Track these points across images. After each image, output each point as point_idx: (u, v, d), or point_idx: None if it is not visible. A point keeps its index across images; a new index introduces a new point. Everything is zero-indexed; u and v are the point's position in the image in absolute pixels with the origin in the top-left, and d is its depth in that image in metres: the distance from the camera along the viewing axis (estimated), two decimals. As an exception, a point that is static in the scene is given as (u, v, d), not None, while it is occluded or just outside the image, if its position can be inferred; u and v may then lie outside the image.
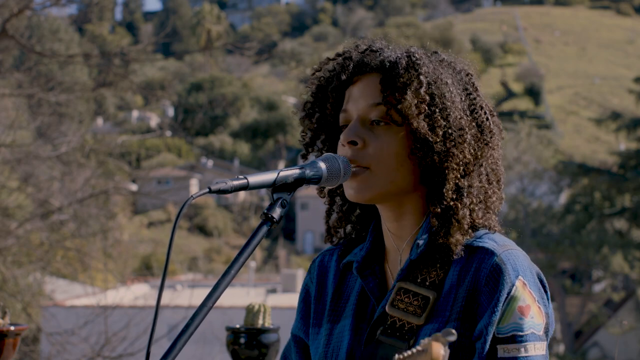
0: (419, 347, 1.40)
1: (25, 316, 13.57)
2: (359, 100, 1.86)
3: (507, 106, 64.75)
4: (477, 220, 1.84)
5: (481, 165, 1.86)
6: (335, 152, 1.92)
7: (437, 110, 1.82)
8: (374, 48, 1.91)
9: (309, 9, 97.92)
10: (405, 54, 1.87)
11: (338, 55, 1.95)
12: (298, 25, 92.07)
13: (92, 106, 34.43)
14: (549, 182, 38.93)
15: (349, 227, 2.00)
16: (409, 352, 1.41)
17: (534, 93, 66.29)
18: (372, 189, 1.83)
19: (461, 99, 1.86)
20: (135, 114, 60.88)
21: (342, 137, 1.85)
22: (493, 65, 72.71)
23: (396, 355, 1.44)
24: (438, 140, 1.81)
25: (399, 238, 1.89)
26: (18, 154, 13.11)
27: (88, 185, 14.68)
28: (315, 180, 1.79)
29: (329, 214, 2.00)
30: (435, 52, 1.93)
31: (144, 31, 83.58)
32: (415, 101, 1.81)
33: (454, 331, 1.41)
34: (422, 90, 1.82)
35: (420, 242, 1.83)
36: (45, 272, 16.84)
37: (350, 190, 1.86)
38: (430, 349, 1.38)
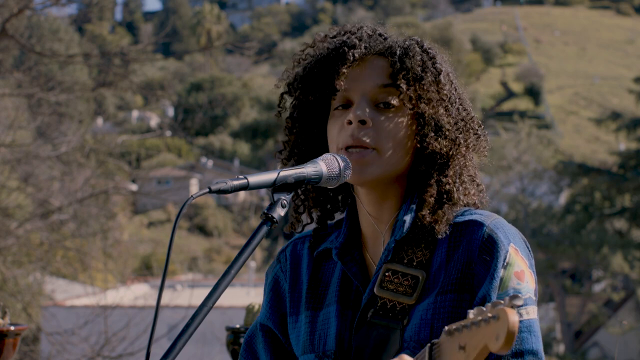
0: (488, 314, 1.28)
1: (25, 316, 13.59)
2: (366, 81, 1.86)
3: (507, 106, 64.75)
4: (466, 200, 1.88)
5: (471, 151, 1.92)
6: (321, 129, 1.92)
7: (448, 99, 1.87)
8: (379, 32, 1.92)
9: (309, 9, 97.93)
10: (414, 41, 1.90)
11: (344, 33, 1.92)
12: (298, 25, 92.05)
13: (92, 106, 34.41)
14: (549, 182, 38.89)
15: (314, 215, 1.99)
16: (471, 319, 1.30)
17: (534, 93, 66.21)
18: (377, 170, 1.84)
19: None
20: (135, 114, 60.86)
21: (351, 115, 1.84)
22: (493, 65, 72.69)
23: (446, 327, 1.42)
24: (450, 128, 1.85)
25: (380, 222, 1.90)
26: (18, 154, 13.12)
27: (88, 185, 14.70)
28: (315, 180, 1.78)
29: (295, 202, 1.98)
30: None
31: (144, 31, 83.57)
32: (434, 88, 1.84)
33: (520, 295, 1.37)
34: (442, 78, 1.86)
35: (407, 219, 1.84)
36: (45, 272, 16.85)
37: (352, 172, 1.83)
38: (505, 317, 1.27)
